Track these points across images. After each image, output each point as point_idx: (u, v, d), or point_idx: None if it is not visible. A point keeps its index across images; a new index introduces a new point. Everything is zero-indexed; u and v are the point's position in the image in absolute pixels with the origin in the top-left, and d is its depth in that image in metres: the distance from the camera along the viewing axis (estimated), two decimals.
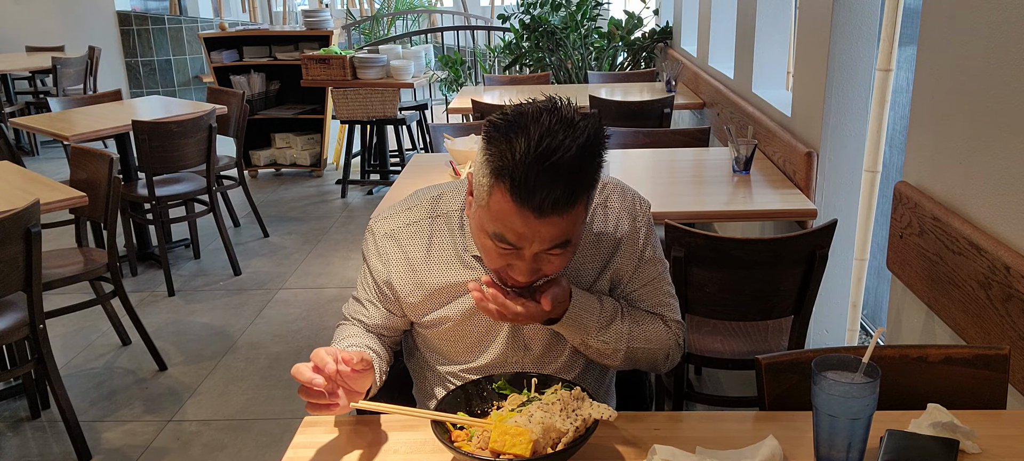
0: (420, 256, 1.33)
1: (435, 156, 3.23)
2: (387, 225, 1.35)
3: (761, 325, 2.31)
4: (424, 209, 1.34)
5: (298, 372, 1.10)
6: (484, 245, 1.18)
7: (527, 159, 1.04)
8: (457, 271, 1.32)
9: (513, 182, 1.06)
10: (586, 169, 1.09)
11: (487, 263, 1.22)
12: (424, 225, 1.33)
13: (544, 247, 1.13)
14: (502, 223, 1.11)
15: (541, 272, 1.18)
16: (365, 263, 1.39)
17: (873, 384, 1.05)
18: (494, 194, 1.10)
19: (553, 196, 1.06)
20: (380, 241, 1.35)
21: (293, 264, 4.39)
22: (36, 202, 2.37)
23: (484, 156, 1.11)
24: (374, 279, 1.37)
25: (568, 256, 1.18)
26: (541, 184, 1.05)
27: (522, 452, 1.06)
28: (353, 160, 5.65)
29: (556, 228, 1.10)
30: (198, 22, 8.65)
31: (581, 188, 1.09)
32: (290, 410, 2.91)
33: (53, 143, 7.34)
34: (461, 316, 1.33)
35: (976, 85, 1.62)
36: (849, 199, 2.65)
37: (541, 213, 1.07)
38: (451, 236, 1.32)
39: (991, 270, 1.53)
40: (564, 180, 1.06)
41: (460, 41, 8.63)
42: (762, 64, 3.43)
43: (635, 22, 5.99)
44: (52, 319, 2.84)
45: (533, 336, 1.36)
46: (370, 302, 1.39)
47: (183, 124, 3.84)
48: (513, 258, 1.15)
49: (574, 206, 1.10)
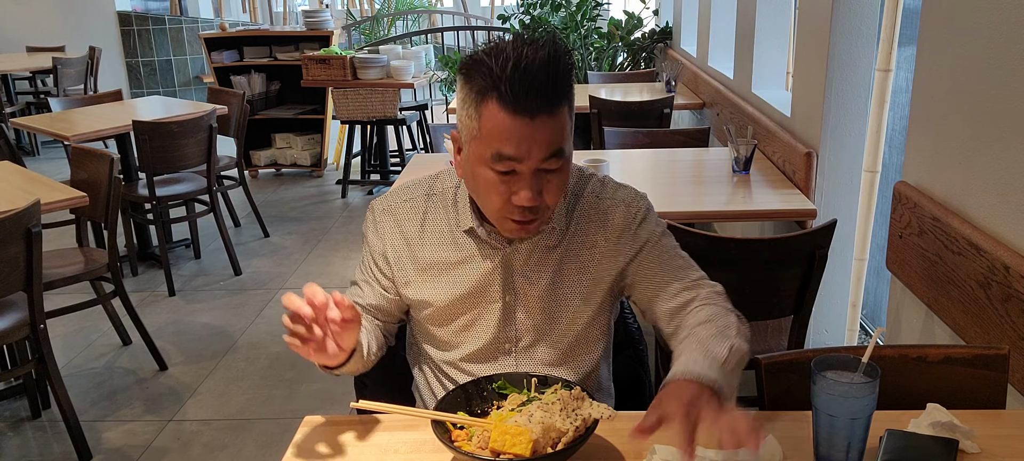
0: (415, 230, 1.37)
1: (435, 156, 3.23)
2: (385, 202, 1.41)
3: (761, 325, 2.31)
4: (421, 188, 1.40)
5: (289, 300, 1.10)
6: (485, 180, 1.20)
7: (507, 70, 1.13)
8: (449, 248, 1.35)
9: (501, 94, 1.14)
10: (560, 71, 1.16)
11: (489, 201, 1.22)
12: (420, 202, 1.38)
13: (542, 155, 1.17)
14: (499, 139, 1.16)
15: (543, 198, 1.21)
16: (364, 241, 1.42)
17: (872, 384, 1.05)
18: (485, 115, 1.16)
19: (541, 95, 1.14)
20: (378, 216, 1.40)
21: (293, 264, 4.39)
22: (37, 202, 2.38)
23: (465, 91, 1.19)
24: (371, 254, 1.40)
25: (565, 173, 1.22)
26: (526, 87, 1.13)
27: (522, 452, 1.06)
28: (353, 160, 5.66)
29: (549, 131, 1.16)
30: (198, 22, 8.65)
31: (561, 88, 1.17)
32: (290, 410, 2.91)
33: (54, 143, 7.34)
34: (450, 293, 1.35)
35: (976, 85, 1.62)
36: (849, 199, 2.65)
37: (533, 115, 1.14)
38: (445, 212, 1.36)
39: (990, 270, 1.53)
40: (544, 79, 1.14)
41: (460, 41, 8.63)
42: (762, 64, 3.43)
43: (635, 22, 5.99)
44: (53, 319, 2.84)
45: (523, 325, 1.37)
46: (366, 282, 1.41)
47: (184, 124, 3.85)
48: (515, 183, 1.19)
49: (560, 106, 1.17)
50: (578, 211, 1.35)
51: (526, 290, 1.35)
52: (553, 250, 1.34)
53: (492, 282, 1.34)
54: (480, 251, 1.34)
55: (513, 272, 1.34)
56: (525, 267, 1.34)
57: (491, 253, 1.34)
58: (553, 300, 1.36)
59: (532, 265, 1.34)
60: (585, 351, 1.40)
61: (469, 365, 1.40)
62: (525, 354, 1.39)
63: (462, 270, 1.35)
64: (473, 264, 1.34)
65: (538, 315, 1.36)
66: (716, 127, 3.88)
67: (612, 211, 1.35)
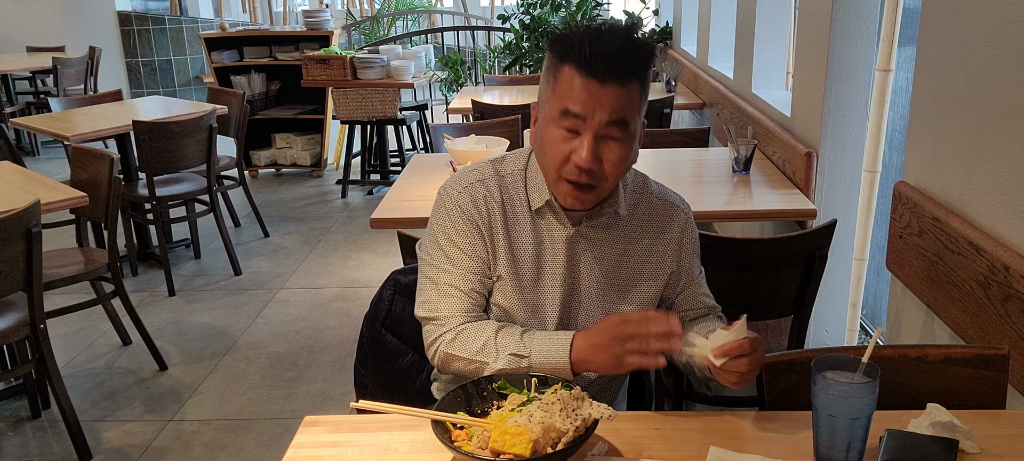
0: (497, 205, 1.38)
1: (435, 156, 3.23)
2: (461, 183, 1.40)
3: (761, 325, 2.31)
4: (489, 169, 1.41)
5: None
6: (550, 136, 1.28)
7: (586, 40, 1.23)
8: (522, 227, 1.38)
9: (578, 57, 1.23)
10: (635, 47, 1.25)
11: (550, 157, 1.29)
12: (492, 182, 1.40)
13: (605, 118, 1.24)
14: (569, 97, 1.24)
15: (601, 165, 1.26)
16: (443, 229, 1.37)
17: (872, 384, 1.05)
18: (561, 78, 1.26)
19: (612, 62, 1.22)
20: (460, 197, 1.38)
21: (293, 264, 4.39)
22: (37, 202, 2.38)
23: (549, 61, 1.29)
24: (459, 234, 1.36)
25: (626, 147, 1.28)
26: (602, 54, 1.22)
27: (522, 452, 1.06)
28: (353, 160, 5.66)
29: (616, 98, 1.23)
30: (198, 22, 8.65)
31: (634, 63, 1.25)
32: (290, 410, 2.91)
33: (54, 143, 7.35)
34: (523, 269, 1.37)
35: (976, 85, 1.63)
36: (849, 199, 2.65)
37: (604, 79, 1.22)
38: (517, 191, 1.39)
39: (990, 270, 1.53)
40: (620, 52, 1.23)
41: (460, 41, 8.63)
42: (762, 64, 3.44)
43: (635, 22, 5.99)
44: (53, 319, 2.84)
45: (586, 308, 1.40)
46: (462, 270, 1.36)
47: (183, 124, 3.85)
48: (576, 142, 1.26)
49: (631, 79, 1.24)
50: (643, 204, 1.42)
51: (590, 270, 1.38)
52: (619, 234, 1.39)
53: (558, 260, 1.37)
54: (549, 231, 1.37)
55: (579, 249, 1.38)
56: (593, 245, 1.38)
57: (560, 231, 1.37)
58: (616, 282, 1.40)
59: (600, 243, 1.38)
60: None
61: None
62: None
63: (534, 249, 1.37)
64: (545, 242, 1.37)
65: (597, 298, 1.40)
66: (716, 127, 3.88)
67: (673, 213, 1.44)
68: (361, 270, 4.27)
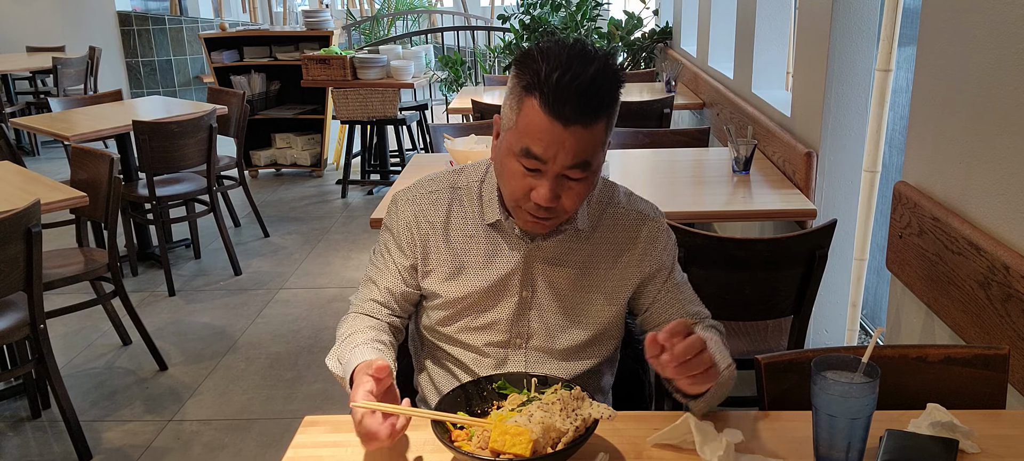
0: (438, 222, 1.38)
1: (435, 156, 3.23)
2: (409, 193, 1.41)
3: (761, 325, 2.31)
4: (445, 181, 1.41)
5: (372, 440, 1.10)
6: (510, 169, 1.24)
7: (554, 74, 1.15)
8: (472, 241, 1.37)
9: (543, 93, 1.16)
10: (604, 88, 1.19)
11: (509, 189, 1.26)
12: (444, 195, 1.40)
13: (567, 163, 1.19)
14: (531, 136, 1.19)
15: (561, 202, 1.23)
16: (386, 231, 1.43)
17: (872, 384, 1.05)
18: (524, 109, 1.19)
19: (578, 104, 1.16)
20: (401, 205, 1.41)
21: (293, 264, 4.39)
22: (37, 202, 2.38)
23: (514, 81, 1.21)
24: (393, 239, 1.41)
25: (587, 184, 1.24)
26: (568, 94, 1.15)
27: (522, 452, 1.06)
28: (353, 160, 5.66)
29: (579, 142, 1.18)
30: (198, 22, 8.65)
31: (603, 104, 1.19)
32: (290, 410, 2.91)
33: (54, 143, 7.35)
34: (469, 286, 1.37)
35: (976, 85, 1.63)
36: (849, 199, 2.65)
37: (567, 123, 1.16)
38: (470, 205, 1.38)
39: (990, 270, 1.53)
40: (587, 92, 1.16)
41: (460, 41, 8.63)
42: (762, 64, 3.43)
43: (635, 22, 5.99)
44: (53, 319, 2.84)
45: (537, 323, 1.38)
46: (386, 270, 1.41)
47: (184, 124, 3.85)
48: (536, 180, 1.22)
49: (597, 120, 1.19)
50: (608, 216, 1.38)
51: (545, 287, 1.37)
52: (578, 249, 1.36)
53: (512, 276, 1.36)
54: (505, 244, 1.36)
55: (535, 267, 1.36)
56: (549, 263, 1.36)
57: (516, 246, 1.35)
58: (573, 299, 1.37)
59: (557, 261, 1.36)
60: (595, 354, 1.41)
61: (476, 359, 1.40)
62: (535, 353, 1.39)
63: (484, 263, 1.36)
64: (496, 258, 1.36)
65: (554, 313, 1.38)
66: (716, 127, 3.88)
67: (640, 224, 1.39)
68: (361, 270, 4.27)
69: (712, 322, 1.41)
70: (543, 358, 1.39)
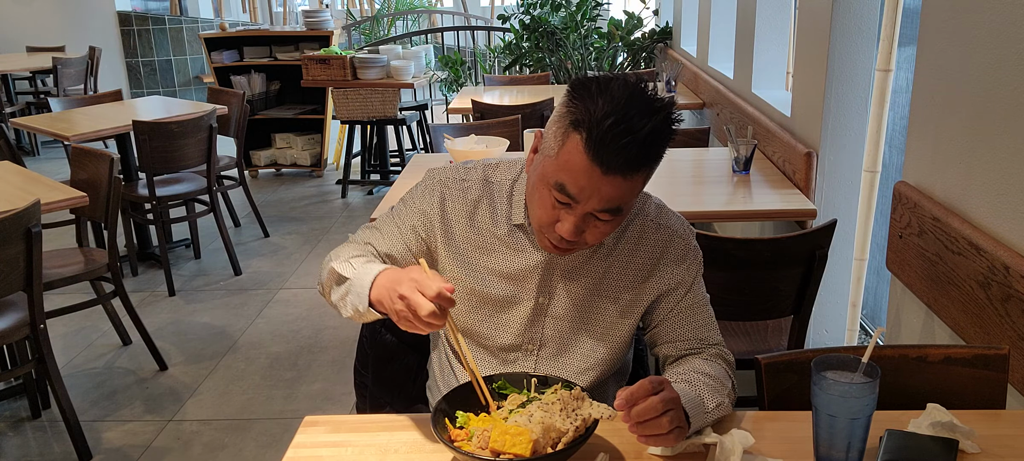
0: (463, 212, 1.37)
1: (435, 156, 3.23)
2: (443, 175, 1.40)
3: (761, 325, 2.31)
4: (479, 173, 1.40)
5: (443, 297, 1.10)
6: (541, 196, 1.22)
7: (608, 120, 1.11)
8: (496, 236, 1.35)
9: (589, 135, 1.12)
10: (656, 145, 1.16)
11: (536, 214, 1.25)
12: (476, 187, 1.38)
13: (598, 207, 1.18)
14: (567, 173, 1.16)
15: (583, 237, 1.22)
16: (410, 203, 1.40)
17: (872, 384, 1.05)
18: (567, 144, 1.15)
19: (622, 157, 1.12)
20: (433, 185, 1.39)
21: (294, 264, 4.39)
22: (37, 202, 2.38)
23: (565, 109, 1.17)
24: (416, 208, 1.38)
25: (613, 225, 1.23)
26: (614, 144, 1.11)
27: (522, 452, 1.06)
28: (353, 160, 5.66)
29: (616, 190, 1.16)
30: (198, 22, 8.65)
31: (648, 159, 1.17)
32: (290, 410, 2.91)
33: (54, 143, 7.35)
34: (486, 279, 1.36)
35: (976, 85, 1.63)
36: (849, 199, 2.65)
37: (607, 170, 1.13)
38: (501, 201, 1.36)
39: (990, 270, 1.53)
40: (636, 147, 1.13)
41: (460, 41, 8.63)
42: (762, 64, 3.44)
43: (635, 22, 5.99)
44: (53, 319, 2.84)
45: (551, 330, 1.37)
46: (395, 229, 1.38)
47: (184, 124, 3.85)
48: (564, 213, 1.20)
49: (637, 172, 1.17)
50: (634, 229, 1.36)
51: (563, 295, 1.35)
52: (600, 261, 1.35)
53: (530, 279, 1.35)
54: (529, 244, 1.35)
55: (554, 273, 1.35)
56: (568, 270, 1.34)
57: (537, 249, 1.34)
58: (589, 309, 1.36)
59: (576, 270, 1.34)
60: (605, 366, 1.40)
61: (486, 358, 1.39)
62: (545, 361, 1.38)
63: (505, 258, 1.35)
64: (517, 257, 1.35)
65: (568, 322, 1.36)
66: (716, 127, 3.88)
67: (668, 241, 1.36)
68: None
69: (720, 351, 1.36)
70: (553, 368, 1.38)
